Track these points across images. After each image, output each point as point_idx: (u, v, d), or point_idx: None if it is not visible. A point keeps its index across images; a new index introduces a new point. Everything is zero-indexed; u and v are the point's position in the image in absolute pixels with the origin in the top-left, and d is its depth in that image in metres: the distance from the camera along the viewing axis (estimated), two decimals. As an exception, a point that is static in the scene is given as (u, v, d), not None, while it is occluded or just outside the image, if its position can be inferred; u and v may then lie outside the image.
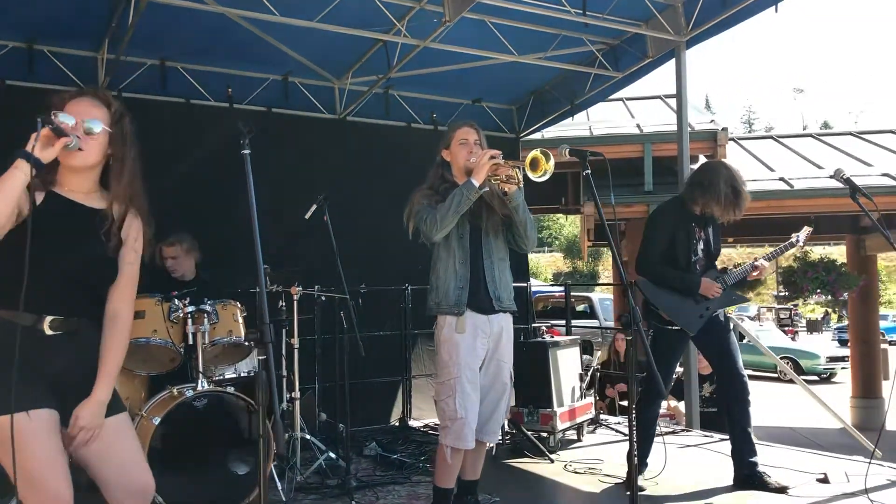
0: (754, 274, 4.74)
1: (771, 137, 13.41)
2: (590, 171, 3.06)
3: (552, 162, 3.36)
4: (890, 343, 22.66)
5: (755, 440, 4.67)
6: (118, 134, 2.45)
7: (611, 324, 14.63)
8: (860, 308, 13.47)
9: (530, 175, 3.38)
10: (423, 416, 7.06)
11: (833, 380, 20.89)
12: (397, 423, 6.97)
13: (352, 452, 5.27)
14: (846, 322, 31.68)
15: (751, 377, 4.91)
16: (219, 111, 6.79)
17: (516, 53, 6.70)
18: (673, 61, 6.82)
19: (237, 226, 6.60)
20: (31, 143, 2.17)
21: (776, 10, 5.83)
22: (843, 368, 21.16)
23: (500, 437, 5.65)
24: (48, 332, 2.30)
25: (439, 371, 3.61)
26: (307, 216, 4.78)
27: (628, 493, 4.61)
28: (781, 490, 4.49)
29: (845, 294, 10.62)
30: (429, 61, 6.91)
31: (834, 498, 4.39)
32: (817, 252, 14.94)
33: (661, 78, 7.74)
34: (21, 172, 2.15)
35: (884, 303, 36.93)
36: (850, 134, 12.92)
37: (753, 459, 4.62)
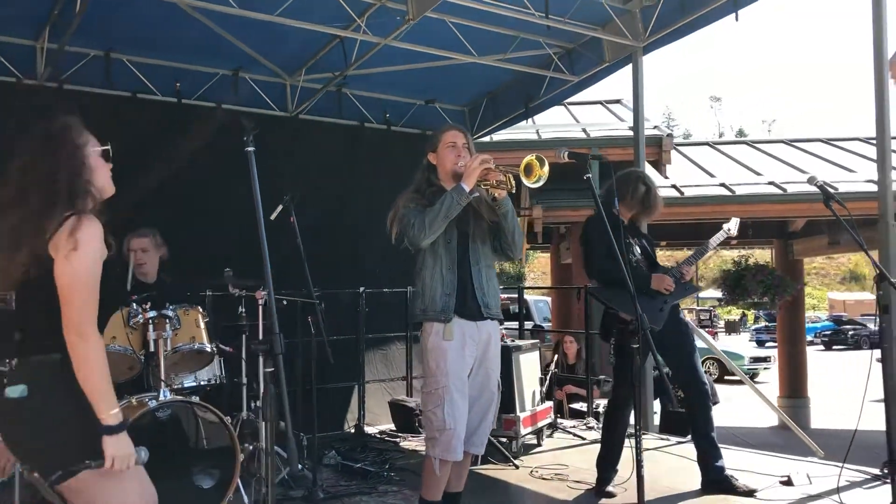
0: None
1: (708, 144, 13.76)
2: (590, 175, 2.99)
3: (547, 167, 3.28)
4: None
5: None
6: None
7: (547, 325, 14.79)
8: (788, 311, 13.95)
9: (525, 181, 3.30)
10: (378, 422, 6.92)
11: (755, 380, 21.54)
12: (353, 430, 6.80)
13: (311, 462, 5.11)
14: (763, 323, 32.94)
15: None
16: (167, 106, 6.50)
17: (476, 54, 6.64)
18: (628, 66, 6.88)
19: (192, 225, 6.38)
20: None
21: (736, 19, 5.91)
22: (765, 369, 21.90)
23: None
24: None
25: (426, 380, 3.48)
26: (273, 217, 4.59)
27: (600, 500, 4.66)
28: (749, 493, 4.54)
29: (785, 298, 10.97)
30: (385, 60, 6.78)
31: (803, 500, 4.46)
32: (735, 254, 15.40)
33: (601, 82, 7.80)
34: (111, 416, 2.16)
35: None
36: (782, 142, 13.37)
37: (720, 464, 4.65)
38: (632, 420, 6.64)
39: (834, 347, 31.90)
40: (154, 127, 6.24)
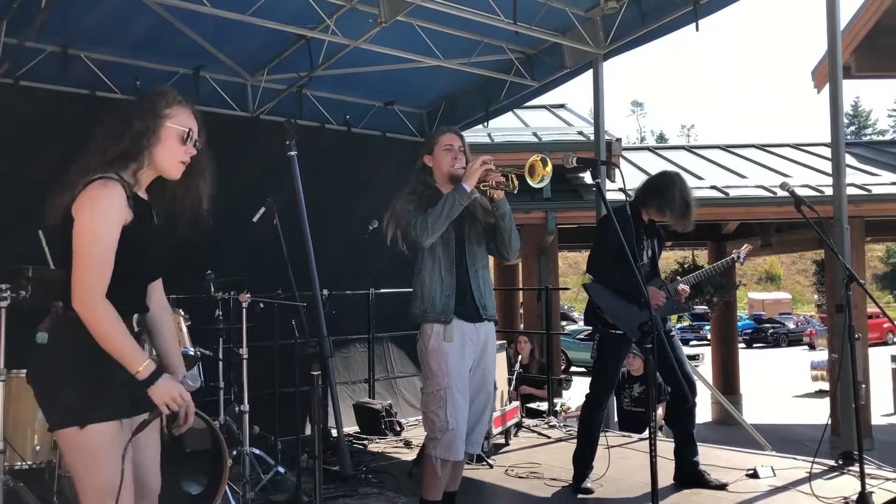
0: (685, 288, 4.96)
1: (649, 149, 14.14)
2: (600, 181, 3.07)
3: (550, 167, 3.35)
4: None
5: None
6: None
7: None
8: (723, 311, 14.45)
9: (529, 181, 3.37)
10: (343, 424, 6.88)
11: (685, 378, 22.18)
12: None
13: (284, 466, 5.07)
14: (687, 322, 33.91)
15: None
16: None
17: (441, 57, 6.69)
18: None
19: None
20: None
21: (697, 29, 6.11)
22: (694, 367, 22.58)
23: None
24: (136, 328, 2.36)
25: (427, 381, 3.51)
26: (255, 219, 4.53)
27: (578, 495, 4.76)
28: (721, 487, 4.72)
29: (726, 298, 11.36)
30: (350, 61, 6.77)
31: (771, 492, 4.65)
32: (678, 256, 15.85)
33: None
34: (139, 371, 2.22)
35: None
36: (718, 147, 13.86)
37: (695, 459, 4.82)
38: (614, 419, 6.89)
39: (754, 345, 33.07)
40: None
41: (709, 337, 19.02)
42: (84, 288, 2.17)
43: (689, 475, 4.78)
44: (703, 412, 14.44)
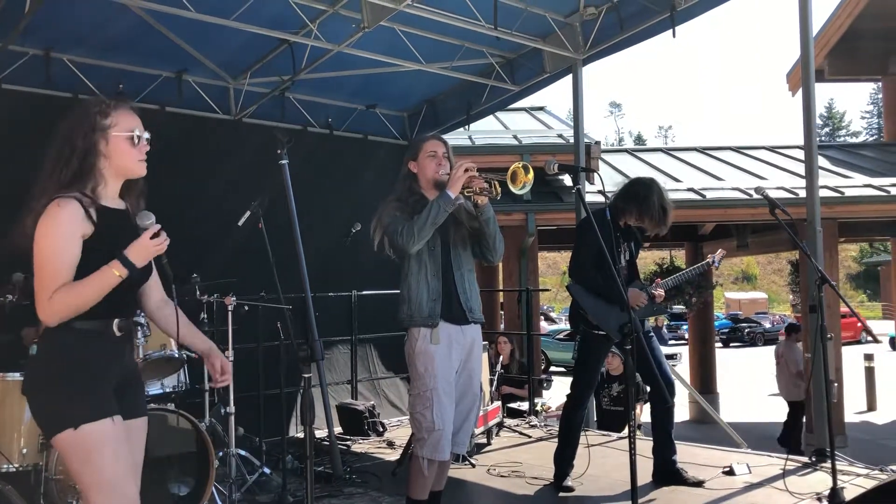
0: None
1: (627, 151, 14.30)
2: (581, 187, 3.16)
3: (531, 174, 3.44)
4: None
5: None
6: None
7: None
8: (700, 311, 14.64)
9: (511, 188, 3.45)
10: (323, 426, 6.90)
11: (662, 377, 22.39)
12: (301, 435, 6.78)
13: (268, 467, 5.12)
14: (665, 322, 34.19)
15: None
16: (109, 108, 6.33)
17: (423, 62, 6.76)
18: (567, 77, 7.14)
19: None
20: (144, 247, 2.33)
21: (674, 35, 6.22)
22: (672, 366, 22.78)
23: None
24: (117, 333, 2.43)
25: (414, 383, 3.58)
26: (240, 223, 4.59)
27: (560, 493, 4.86)
28: (698, 484, 4.84)
29: (703, 298, 11.52)
30: (332, 65, 6.82)
31: (747, 488, 4.77)
32: (656, 257, 15.97)
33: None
34: (117, 275, 2.30)
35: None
36: (695, 150, 14.05)
37: (673, 458, 4.93)
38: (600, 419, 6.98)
39: (731, 345, 33.38)
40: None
41: (686, 336, 19.25)
42: (41, 300, 2.28)
43: (667, 473, 4.89)
44: (681, 411, 14.63)
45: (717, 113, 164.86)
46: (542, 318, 27.70)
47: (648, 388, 5.00)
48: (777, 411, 15.86)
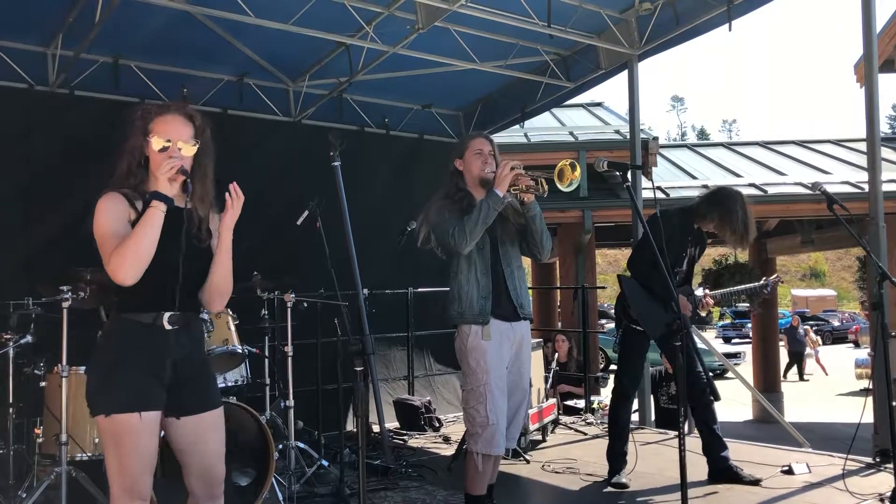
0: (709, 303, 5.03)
1: (687, 146, 14.10)
2: (630, 183, 3.18)
3: (579, 171, 3.47)
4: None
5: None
6: (203, 145, 2.64)
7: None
8: (763, 309, 14.34)
9: (559, 185, 3.49)
10: (385, 419, 7.04)
11: (725, 376, 21.99)
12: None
13: (326, 460, 5.25)
14: (729, 320, 33.52)
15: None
16: (174, 112, 6.57)
17: (477, 61, 6.82)
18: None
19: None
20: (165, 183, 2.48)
21: (730, 29, 6.15)
22: (735, 365, 22.36)
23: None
24: (167, 326, 2.52)
25: (467, 379, 3.65)
26: (298, 222, 4.72)
27: (612, 489, 4.86)
28: (755, 482, 4.78)
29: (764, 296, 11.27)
30: (388, 66, 6.94)
31: (806, 488, 4.70)
32: (717, 253, 15.71)
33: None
34: (160, 211, 2.45)
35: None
36: (757, 144, 13.78)
37: (724, 454, 4.89)
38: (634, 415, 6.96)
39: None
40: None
41: (750, 335, 18.87)
42: (107, 264, 2.44)
43: (720, 470, 4.85)
44: (744, 410, 14.36)
45: (783, 105, 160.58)
46: (602, 315, 27.40)
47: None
48: (844, 411, 15.47)
